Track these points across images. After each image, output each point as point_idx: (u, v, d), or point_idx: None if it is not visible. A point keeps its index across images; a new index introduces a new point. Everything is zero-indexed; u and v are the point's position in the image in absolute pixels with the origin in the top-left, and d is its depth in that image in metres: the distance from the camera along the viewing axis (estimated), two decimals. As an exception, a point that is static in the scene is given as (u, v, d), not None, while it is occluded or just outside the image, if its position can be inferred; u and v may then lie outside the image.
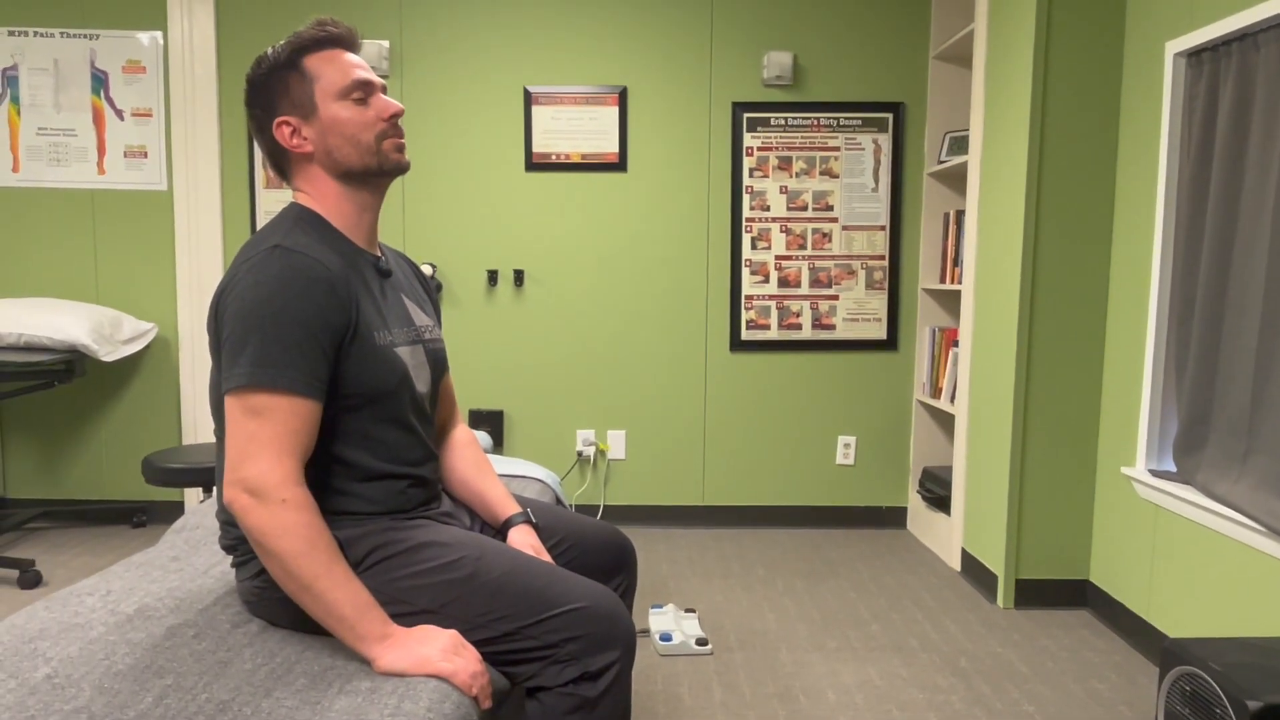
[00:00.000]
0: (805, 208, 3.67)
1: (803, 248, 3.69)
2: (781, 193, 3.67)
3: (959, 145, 3.48)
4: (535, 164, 3.65)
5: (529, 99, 3.62)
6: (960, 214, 3.48)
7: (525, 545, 1.52)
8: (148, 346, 3.72)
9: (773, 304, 3.71)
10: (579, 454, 3.78)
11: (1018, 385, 2.85)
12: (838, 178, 3.66)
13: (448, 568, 1.33)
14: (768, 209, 3.67)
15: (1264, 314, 2.15)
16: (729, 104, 3.65)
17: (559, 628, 1.29)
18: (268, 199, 3.68)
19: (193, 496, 3.81)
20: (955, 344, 3.44)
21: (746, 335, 3.72)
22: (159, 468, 2.69)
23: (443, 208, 3.69)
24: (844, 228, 3.68)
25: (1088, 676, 2.43)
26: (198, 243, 3.66)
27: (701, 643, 2.54)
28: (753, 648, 2.59)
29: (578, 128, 3.64)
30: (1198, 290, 2.39)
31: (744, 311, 3.71)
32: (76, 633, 1.31)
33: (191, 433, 3.74)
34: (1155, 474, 2.54)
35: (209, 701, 1.14)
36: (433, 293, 1.66)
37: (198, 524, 1.88)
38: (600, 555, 1.63)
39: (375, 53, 3.56)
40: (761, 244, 3.68)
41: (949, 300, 3.70)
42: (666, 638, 2.56)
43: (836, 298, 3.71)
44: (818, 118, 3.64)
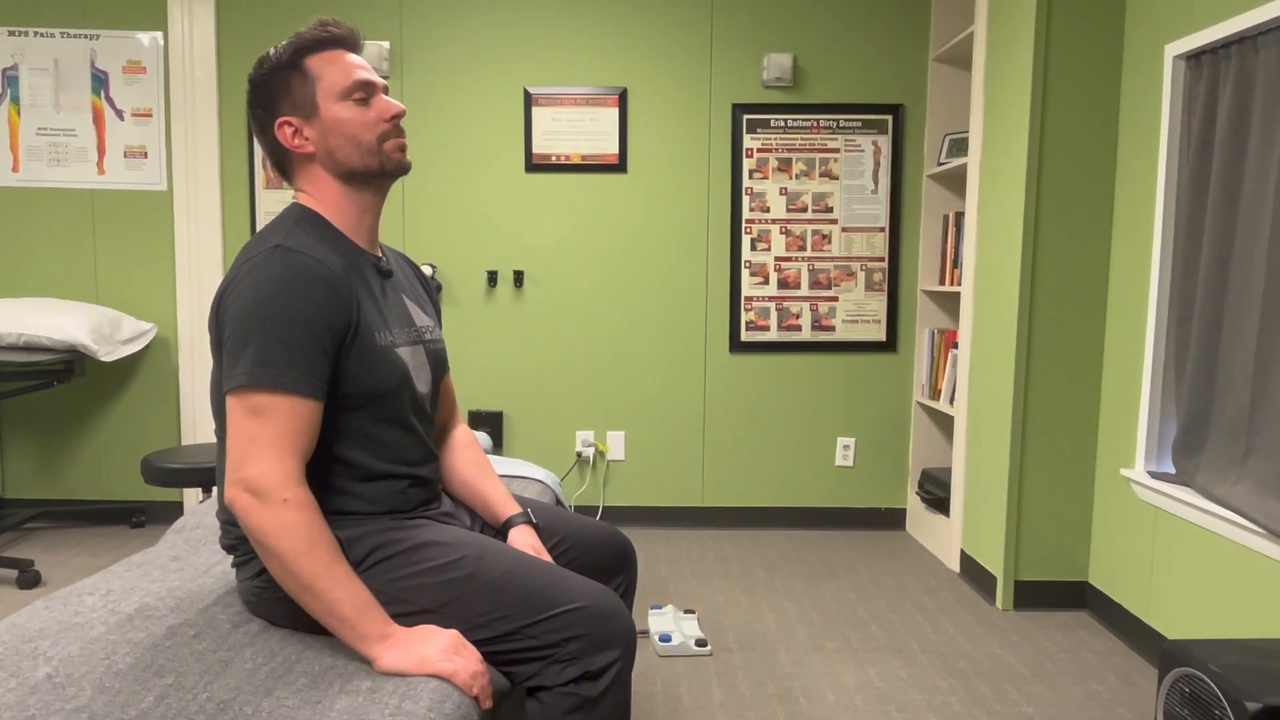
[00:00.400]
0: (805, 209, 3.68)
1: (802, 249, 3.69)
2: (781, 194, 3.67)
3: (959, 147, 3.48)
4: (535, 165, 3.66)
5: (529, 100, 3.63)
6: (960, 216, 3.48)
7: (526, 545, 1.52)
8: (147, 347, 3.72)
9: (772, 305, 3.71)
10: (578, 455, 3.78)
11: (1017, 387, 2.85)
12: (837, 179, 3.67)
13: (448, 567, 1.33)
14: (767, 210, 3.68)
15: (1263, 316, 2.15)
16: (729, 105, 3.65)
17: (559, 627, 1.29)
18: (268, 199, 3.68)
19: (192, 497, 3.81)
20: (954, 346, 3.44)
21: (746, 336, 3.72)
22: (158, 468, 2.69)
23: (443, 208, 3.69)
24: (844, 229, 3.69)
25: (1087, 678, 2.43)
26: (197, 243, 3.66)
27: (701, 644, 2.54)
28: (752, 649, 2.59)
29: (578, 129, 3.64)
30: (1197, 292, 2.39)
31: (743, 313, 3.71)
32: (77, 632, 1.31)
33: (191, 433, 3.73)
34: (1154, 476, 2.54)
35: (210, 701, 1.14)
36: (433, 293, 1.66)
37: (198, 524, 1.88)
38: (600, 556, 1.64)
39: (376, 53, 3.57)
40: (761, 245, 3.69)
41: (948, 302, 3.71)
42: (666, 638, 2.56)
43: (836, 299, 3.71)
44: (817, 119, 3.65)
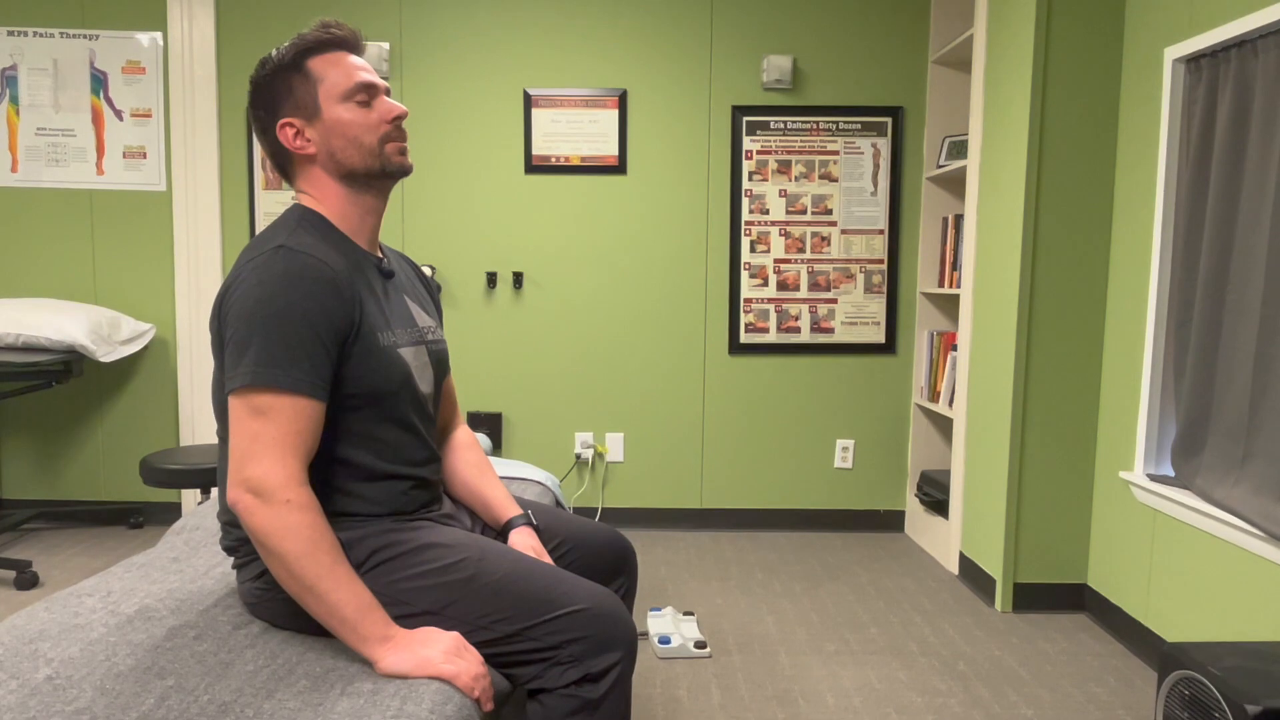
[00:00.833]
0: (804, 211, 3.68)
1: (802, 251, 3.69)
2: (780, 196, 3.67)
3: (958, 150, 3.49)
4: (535, 166, 3.66)
5: (529, 101, 3.63)
6: (959, 218, 3.49)
7: (526, 547, 1.52)
8: (146, 347, 3.72)
9: (771, 307, 3.71)
10: (577, 456, 3.78)
11: (1016, 389, 2.85)
12: (837, 181, 3.67)
13: (449, 569, 1.33)
14: (767, 212, 3.68)
15: (1262, 319, 2.16)
16: (728, 107, 3.65)
17: (560, 629, 1.29)
18: (267, 200, 3.68)
19: (190, 498, 3.80)
20: (954, 348, 3.44)
21: (745, 338, 3.72)
22: (157, 469, 2.69)
23: (442, 210, 3.69)
24: (843, 231, 3.69)
25: (1086, 680, 2.43)
26: (196, 244, 3.66)
27: (700, 645, 2.54)
28: (751, 651, 2.59)
29: (577, 130, 3.64)
30: (1196, 295, 2.40)
31: (743, 315, 3.71)
32: (77, 634, 1.31)
33: (189, 434, 3.73)
34: (1153, 478, 2.55)
35: (211, 703, 1.13)
36: (434, 293, 1.66)
37: (197, 525, 1.88)
38: (601, 557, 1.64)
39: (375, 55, 3.57)
40: (760, 247, 3.69)
41: (947, 304, 3.71)
42: (665, 640, 2.56)
43: (835, 301, 3.71)
44: (817, 121, 3.65)
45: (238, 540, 1.39)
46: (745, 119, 3.65)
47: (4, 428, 3.75)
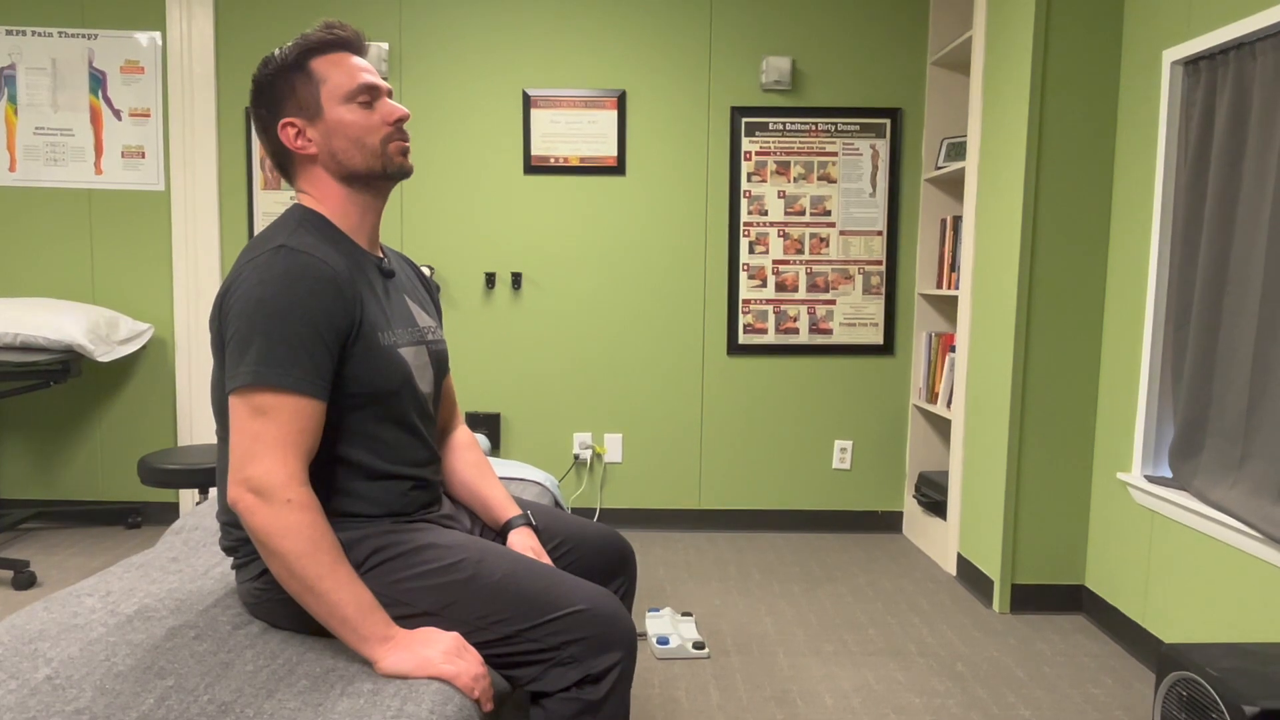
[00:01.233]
0: (803, 212, 3.68)
1: (800, 252, 3.70)
2: (779, 197, 3.68)
3: (956, 151, 3.49)
4: (534, 167, 3.66)
5: (528, 102, 3.63)
6: (957, 220, 3.49)
7: (525, 548, 1.52)
8: (144, 347, 3.71)
9: (770, 308, 3.71)
10: (576, 457, 3.78)
11: (1014, 390, 2.86)
12: (835, 183, 3.68)
13: (448, 570, 1.33)
14: (765, 213, 3.68)
15: (1260, 320, 2.16)
16: (727, 108, 3.65)
17: (560, 630, 1.29)
18: (265, 200, 3.68)
19: (188, 498, 3.80)
20: (952, 349, 3.45)
21: (744, 339, 3.73)
22: (155, 469, 2.69)
23: (441, 210, 3.69)
24: (841, 233, 3.69)
25: (1084, 681, 2.43)
26: (195, 243, 3.66)
27: (698, 646, 2.54)
28: (750, 651, 2.59)
29: (576, 131, 3.64)
30: (1194, 296, 2.40)
31: (741, 315, 3.72)
32: (77, 633, 1.31)
33: (187, 434, 3.73)
34: (1151, 479, 2.55)
35: (211, 703, 1.13)
36: (434, 293, 1.66)
37: (196, 525, 1.87)
38: (600, 558, 1.64)
39: (375, 55, 3.57)
40: (759, 248, 3.69)
41: (946, 306, 3.72)
42: (663, 641, 2.56)
43: (834, 302, 3.72)
44: (816, 123, 3.65)
45: (237, 540, 1.39)
46: (744, 120, 3.65)
47: (2, 427, 3.74)
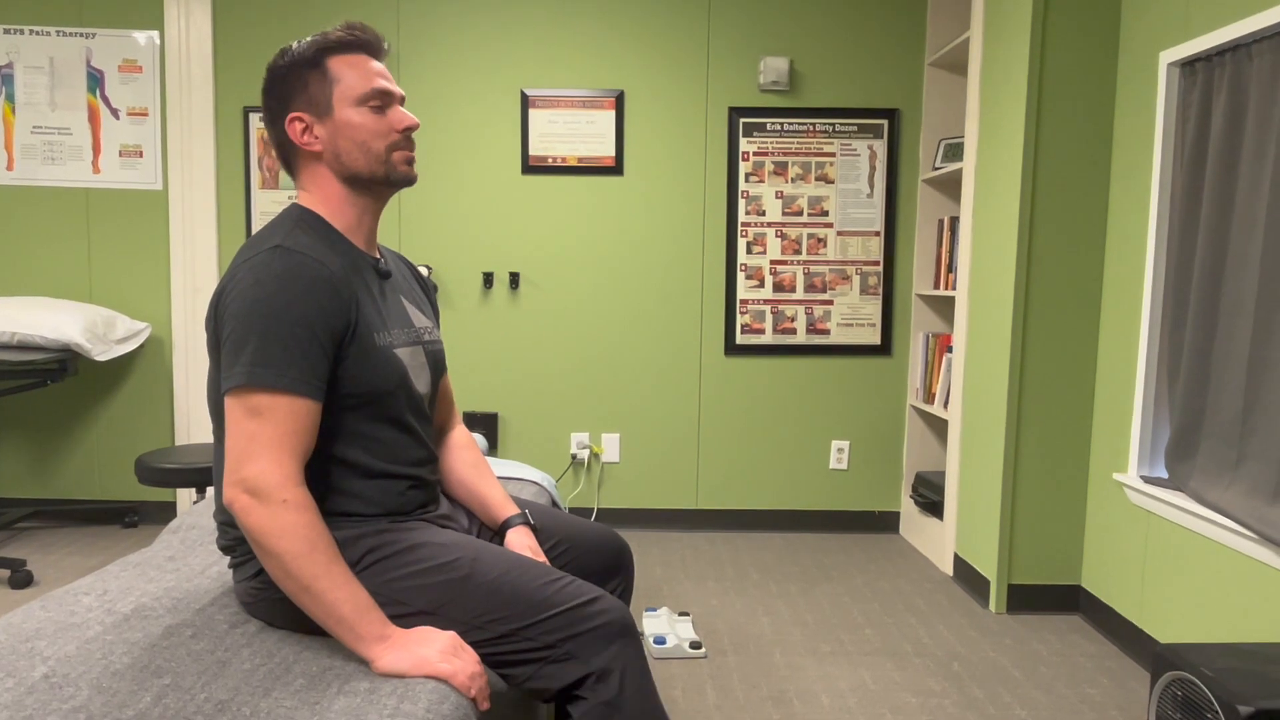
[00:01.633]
0: (801, 213, 3.69)
1: (798, 253, 3.70)
2: (777, 198, 3.68)
3: (954, 152, 3.50)
4: (532, 167, 3.66)
5: (526, 102, 3.63)
6: (954, 220, 3.50)
7: (523, 547, 1.52)
8: (141, 346, 3.71)
9: (767, 308, 3.72)
10: (573, 457, 3.79)
11: (1011, 391, 2.86)
12: (833, 183, 3.68)
13: (444, 568, 1.33)
14: (763, 214, 3.68)
15: (1256, 321, 2.17)
16: (725, 109, 3.66)
17: (556, 628, 1.29)
18: (263, 199, 3.68)
19: (185, 497, 3.79)
20: (949, 350, 3.45)
21: (741, 339, 3.73)
22: (152, 468, 2.69)
23: (439, 210, 3.69)
24: (839, 233, 3.70)
25: (1080, 681, 2.44)
26: (192, 243, 3.66)
27: (695, 646, 2.54)
28: (747, 651, 2.59)
29: (575, 131, 3.64)
30: (1190, 297, 2.41)
31: (739, 316, 3.72)
32: (74, 632, 1.31)
33: (184, 433, 3.73)
34: (1147, 480, 2.56)
35: (207, 701, 1.13)
36: (431, 294, 1.66)
37: (193, 524, 1.88)
38: (597, 557, 1.64)
39: (372, 54, 3.56)
40: (757, 249, 3.69)
41: (943, 306, 3.72)
42: (660, 641, 2.56)
43: (831, 303, 3.72)
44: (814, 123, 3.66)
45: (234, 539, 1.39)
46: (742, 120, 3.65)
47: (-2, 426, 3.74)
